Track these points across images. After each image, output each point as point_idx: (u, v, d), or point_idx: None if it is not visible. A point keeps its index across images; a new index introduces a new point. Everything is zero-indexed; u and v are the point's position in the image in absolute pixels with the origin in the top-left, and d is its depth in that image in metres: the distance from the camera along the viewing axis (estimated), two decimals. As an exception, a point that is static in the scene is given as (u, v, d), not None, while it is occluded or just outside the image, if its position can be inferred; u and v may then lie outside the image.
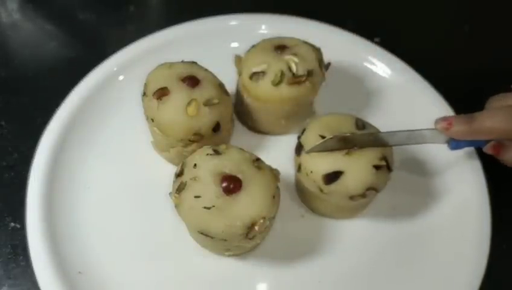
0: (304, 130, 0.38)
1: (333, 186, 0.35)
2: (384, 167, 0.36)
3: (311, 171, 0.36)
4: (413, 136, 0.38)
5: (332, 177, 0.35)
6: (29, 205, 0.38)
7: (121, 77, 0.46)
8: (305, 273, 0.37)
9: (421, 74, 0.48)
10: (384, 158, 0.36)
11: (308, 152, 0.37)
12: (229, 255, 0.38)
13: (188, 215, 0.34)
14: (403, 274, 0.38)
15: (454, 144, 0.38)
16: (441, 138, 0.38)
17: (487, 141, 0.38)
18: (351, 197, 0.36)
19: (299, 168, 0.38)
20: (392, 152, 0.37)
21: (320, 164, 0.36)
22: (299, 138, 0.38)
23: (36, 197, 0.39)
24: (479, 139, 0.37)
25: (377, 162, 0.35)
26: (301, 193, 0.41)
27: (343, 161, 0.35)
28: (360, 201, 0.37)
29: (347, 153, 0.35)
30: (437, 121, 0.37)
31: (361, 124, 0.37)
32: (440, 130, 0.37)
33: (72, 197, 0.40)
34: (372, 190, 0.36)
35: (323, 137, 0.36)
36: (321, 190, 0.36)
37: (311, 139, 0.37)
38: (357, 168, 0.35)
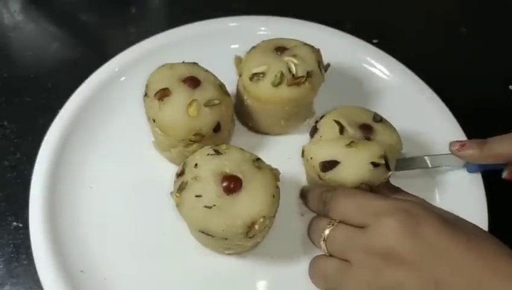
0: (322, 116, 0.40)
1: (329, 175, 0.36)
2: (382, 165, 0.36)
3: (311, 158, 0.37)
4: (431, 161, 0.40)
5: (329, 165, 0.36)
6: (32, 205, 0.39)
7: (122, 78, 0.47)
8: (304, 272, 0.37)
9: (418, 74, 0.48)
10: (384, 157, 0.36)
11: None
12: (229, 254, 0.38)
13: (188, 215, 0.34)
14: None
15: (472, 167, 0.40)
16: (458, 162, 0.40)
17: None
18: None
19: (302, 153, 0.38)
20: (393, 152, 0.38)
21: (320, 151, 0.37)
22: (316, 122, 0.40)
23: (39, 197, 0.39)
24: (491, 163, 0.38)
25: (375, 159, 0.36)
26: (308, 176, 0.41)
27: (342, 152, 0.36)
28: None
29: (348, 145, 0.36)
30: (451, 144, 0.39)
31: (379, 118, 0.39)
32: (453, 153, 0.39)
33: (75, 196, 0.40)
34: (367, 185, 0.36)
35: (337, 122, 0.38)
36: (319, 177, 0.37)
37: (327, 124, 0.38)
38: (354, 162, 0.36)
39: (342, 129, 0.37)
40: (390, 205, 0.32)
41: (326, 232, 0.34)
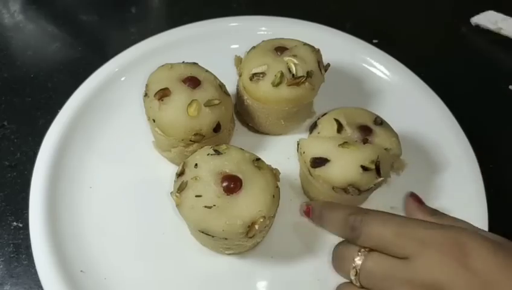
0: (324, 114, 0.40)
1: (318, 171, 0.36)
2: (372, 170, 0.36)
3: (304, 152, 0.37)
4: None
5: (319, 162, 0.36)
6: (32, 205, 0.39)
7: (122, 78, 0.47)
8: (304, 272, 0.38)
9: (418, 74, 0.48)
10: (376, 163, 0.36)
11: None
12: (229, 254, 0.38)
13: (189, 215, 0.34)
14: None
15: None
16: None
17: None
18: (334, 188, 0.36)
19: (297, 146, 0.39)
20: (389, 159, 0.37)
21: (313, 147, 0.37)
22: (318, 118, 0.40)
23: (39, 197, 0.39)
24: None
25: (366, 163, 0.35)
26: (300, 171, 0.42)
27: (334, 151, 0.36)
28: (345, 196, 0.37)
29: (341, 145, 0.36)
30: None
31: (379, 121, 0.39)
32: None
33: (75, 196, 0.40)
34: (355, 188, 0.36)
35: (337, 121, 0.38)
36: (309, 172, 0.37)
37: (326, 121, 0.38)
38: (343, 162, 0.36)
39: (340, 128, 0.37)
40: (435, 233, 0.29)
41: (358, 262, 0.31)
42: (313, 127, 0.40)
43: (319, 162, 0.36)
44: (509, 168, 0.46)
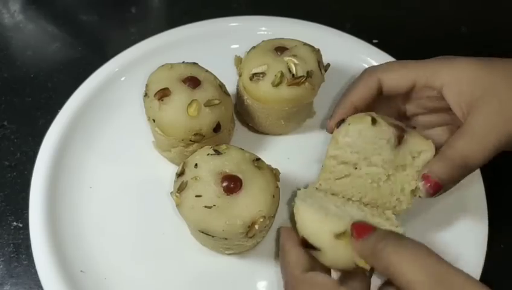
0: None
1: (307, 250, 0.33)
2: (365, 269, 0.31)
3: (297, 223, 0.33)
4: None
5: (310, 246, 0.32)
6: (32, 205, 0.39)
7: (122, 78, 0.47)
8: (304, 272, 0.38)
9: (419, 75, 0.48)
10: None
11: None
12: (229, 254, 0.38)
13: (189, 215, 0.34)
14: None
15: None
16: None
17: None
18: None
19: (292, 208, 0.34)
20: None
21: (307, 224, 0.32)
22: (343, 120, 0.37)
23: (39, 197, 0.39)
24: None
25: (360, 263, 0.31)
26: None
27: (327, 241, 0.31)
28: None
29: (337, 236, 0.31)
30: None
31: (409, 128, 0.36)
32: None
33: (75, 196, 0.40)
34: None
35: (370, 115, 0.35)
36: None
37: (357, 117, 0.36)
38: (335, 256, 0.31)
39: (374, 121, 0.35)
40: None
41: None
42: (341, 122, 0.36)
43: (310, 246, 0.32)
44: (510, 170, 0.46)
